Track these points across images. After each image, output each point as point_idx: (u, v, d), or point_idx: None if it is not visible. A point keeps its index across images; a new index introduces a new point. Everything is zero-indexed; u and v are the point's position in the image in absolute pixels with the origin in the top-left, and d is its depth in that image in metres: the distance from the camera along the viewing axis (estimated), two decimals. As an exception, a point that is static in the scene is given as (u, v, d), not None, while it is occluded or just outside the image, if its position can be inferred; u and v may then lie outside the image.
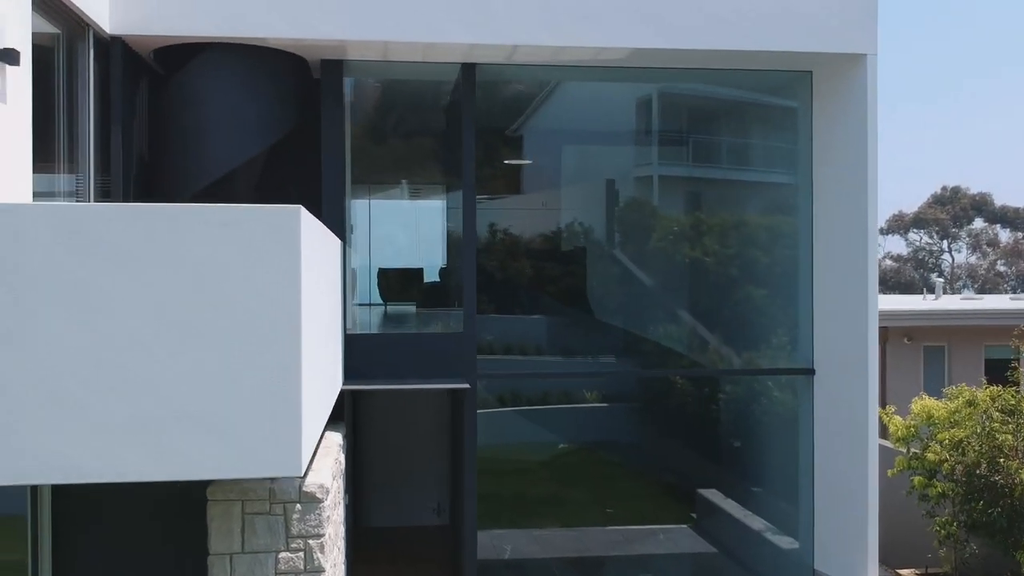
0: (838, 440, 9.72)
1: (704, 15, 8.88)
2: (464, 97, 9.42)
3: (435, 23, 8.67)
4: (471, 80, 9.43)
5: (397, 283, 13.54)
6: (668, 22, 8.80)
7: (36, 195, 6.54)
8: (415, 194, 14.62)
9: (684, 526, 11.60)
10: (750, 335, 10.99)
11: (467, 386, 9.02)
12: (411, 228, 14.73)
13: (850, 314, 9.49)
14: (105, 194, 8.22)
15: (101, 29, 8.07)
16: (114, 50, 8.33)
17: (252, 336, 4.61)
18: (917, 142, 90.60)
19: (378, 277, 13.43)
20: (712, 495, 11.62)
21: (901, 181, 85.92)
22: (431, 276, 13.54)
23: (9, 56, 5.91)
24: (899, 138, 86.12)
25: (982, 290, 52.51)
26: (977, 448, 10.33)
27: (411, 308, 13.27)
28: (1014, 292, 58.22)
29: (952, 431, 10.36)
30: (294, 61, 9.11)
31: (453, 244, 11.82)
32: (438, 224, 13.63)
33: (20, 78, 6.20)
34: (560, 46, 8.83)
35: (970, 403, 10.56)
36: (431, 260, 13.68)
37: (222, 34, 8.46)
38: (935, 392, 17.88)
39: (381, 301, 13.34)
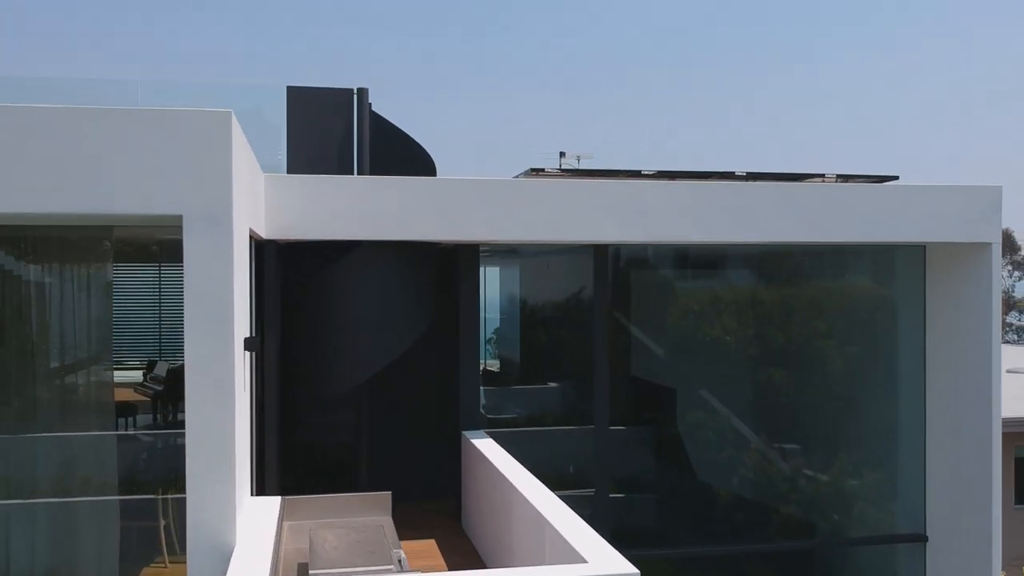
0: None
1: (838, 211, 9.06)
2: (597, 278, 9.46)
3: (578, 221, 8.66)
4: (603, 259, 9.48)
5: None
6: (805, 218, 8.96)
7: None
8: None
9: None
10: (852, 494, 11.00)
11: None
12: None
13: (970, 479, 9.62)
14: (254, 390, 8.15)
15: (259, 236, 8.01)
16: (268, 251, 8.27)
17: None
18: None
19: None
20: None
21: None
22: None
23: (252, 344, 5.89)
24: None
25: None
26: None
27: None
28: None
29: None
30: (432, 246, 9.10)
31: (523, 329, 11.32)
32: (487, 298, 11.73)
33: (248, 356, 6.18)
34: (702, 240, 8.96)
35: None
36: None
37: (368, 236, 8.39)
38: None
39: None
